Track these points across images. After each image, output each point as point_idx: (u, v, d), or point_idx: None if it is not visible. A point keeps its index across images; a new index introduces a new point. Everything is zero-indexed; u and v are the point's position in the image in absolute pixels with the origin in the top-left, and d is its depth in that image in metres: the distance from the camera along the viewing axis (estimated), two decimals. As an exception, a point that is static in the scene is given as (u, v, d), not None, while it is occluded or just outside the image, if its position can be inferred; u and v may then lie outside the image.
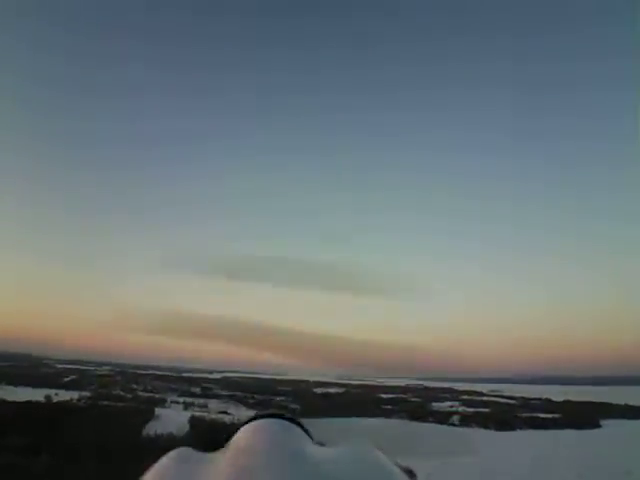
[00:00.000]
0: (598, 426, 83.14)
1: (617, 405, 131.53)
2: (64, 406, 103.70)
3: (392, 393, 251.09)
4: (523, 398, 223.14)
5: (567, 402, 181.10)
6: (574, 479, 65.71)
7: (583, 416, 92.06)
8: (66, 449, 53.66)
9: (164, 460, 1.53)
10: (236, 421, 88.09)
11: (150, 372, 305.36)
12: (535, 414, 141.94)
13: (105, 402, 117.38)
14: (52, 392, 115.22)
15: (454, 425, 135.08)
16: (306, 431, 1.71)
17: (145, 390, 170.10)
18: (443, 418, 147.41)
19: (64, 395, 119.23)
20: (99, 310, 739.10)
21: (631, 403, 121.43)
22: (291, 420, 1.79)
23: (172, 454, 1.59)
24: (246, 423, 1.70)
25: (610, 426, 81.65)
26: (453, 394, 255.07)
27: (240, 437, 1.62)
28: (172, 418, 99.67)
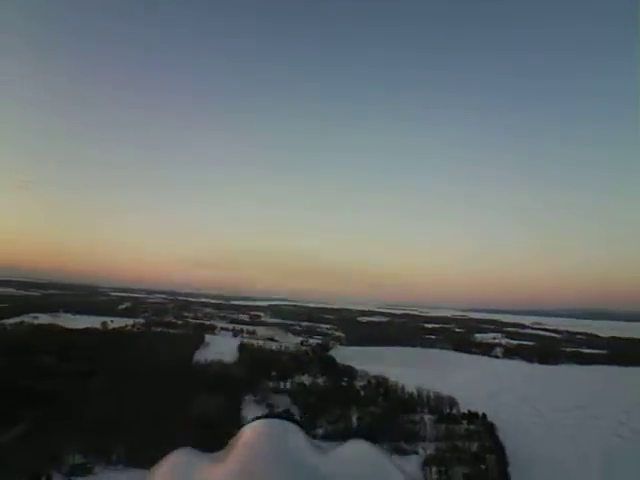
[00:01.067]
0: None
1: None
2: (119, 332, 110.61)
3: (436, 323, 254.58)
4: (568, 332, 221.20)
5: (614, 338, 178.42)
6: (616, 425, 66.86)
7: (629, 354, 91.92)
8: (120, 374, 58.26)
9: (166, 461, 1.80)
10: (283, 348, 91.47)
11: (201, 300, 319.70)
12: (580, 349, 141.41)
13: (158, 329, 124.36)
14: (108, 319, 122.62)
15: (497, 357, 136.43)
16: (306, 432, 1.98)
17: (196, 318, 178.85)
18: (486, 350, 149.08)
19: (119, 322, 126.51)
20: (152, 241, 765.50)
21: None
22: (292, 420, 2.03)
23: (174, 455, 1.86)
24: (247, 424, 1.97)
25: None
26: (497, 326, 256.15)
27: (241, 438, 1.90)
28: (221, 345, 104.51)
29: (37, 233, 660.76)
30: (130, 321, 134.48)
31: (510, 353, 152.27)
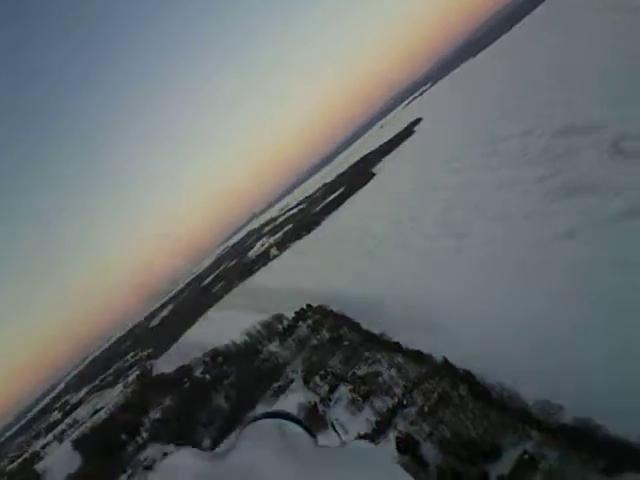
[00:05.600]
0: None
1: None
2: None
3: (210, 270, 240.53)
4: (307, 197, 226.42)
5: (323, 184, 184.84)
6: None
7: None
8: None
9: (166, 461, 1.87)
10: None
11: None
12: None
13: None
14: None
15: (276, 256, 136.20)
16: (309, 431, 2.11)
17: None
18: (266, 258, 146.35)
19: None
20: None
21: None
22: (293, 419, 2.14)
23: (174, 455, 1.93)
24: (249, 423, 2.05)
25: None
26: (257, 234, 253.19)
27: (241, 437, 1.94)
28: None
29: None
30: None
31: (282, 246, 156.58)
